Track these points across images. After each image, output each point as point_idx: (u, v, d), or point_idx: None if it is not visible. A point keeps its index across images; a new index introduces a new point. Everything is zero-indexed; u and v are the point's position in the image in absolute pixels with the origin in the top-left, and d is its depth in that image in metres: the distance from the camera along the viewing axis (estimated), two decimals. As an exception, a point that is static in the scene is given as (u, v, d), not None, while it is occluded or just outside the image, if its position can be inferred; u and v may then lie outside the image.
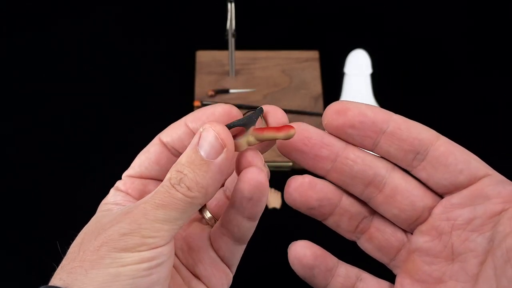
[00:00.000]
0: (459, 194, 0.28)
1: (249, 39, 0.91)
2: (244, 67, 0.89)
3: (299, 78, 0.88)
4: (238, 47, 0.86)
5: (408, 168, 0.30)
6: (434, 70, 0.93)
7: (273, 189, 0.79)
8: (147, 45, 0.94)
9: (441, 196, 0.29)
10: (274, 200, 0.78)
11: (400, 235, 0.31)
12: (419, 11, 1.00)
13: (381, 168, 0.31)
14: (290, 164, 0.80)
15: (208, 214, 0.35)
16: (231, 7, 0.76)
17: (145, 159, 0.36)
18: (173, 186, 0.29)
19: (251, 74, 0.89)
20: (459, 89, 0.90)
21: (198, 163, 0.29)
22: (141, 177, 0.35)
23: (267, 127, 0.32)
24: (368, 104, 0.30)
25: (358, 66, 0.82)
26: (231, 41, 0.82)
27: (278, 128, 0.32)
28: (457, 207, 0.28)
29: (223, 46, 0.86)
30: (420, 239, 0.30)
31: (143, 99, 0.88)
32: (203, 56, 0.90)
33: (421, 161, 0.29)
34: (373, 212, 0.32)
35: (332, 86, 0.87)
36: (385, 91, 0.87)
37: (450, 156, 0.29)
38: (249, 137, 0.31)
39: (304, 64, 0.90)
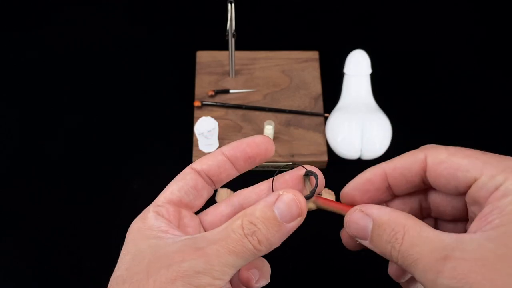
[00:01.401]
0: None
1: (249, 40, 0.91)
2: (244, 67, 0.90)
3: (299, 78, 0.89)
4: (238, 47, 0.86)
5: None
6: (434, 71, 0.93)
7: (273, 189, 0.79)
8: (147, 45, 0.95)
9: None
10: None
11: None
12: (419, 11, 1.01)
13: None
14: (290, 164, 0.80)
15: None
16: (231, 8, 0.76)
17: (183, 185, 0.38)
18: (246, 236, 0.32)
19: (251, 74, 0.89)
20: (459, 89, 0.91)
21: (272, 222, 0.32)
22: (180, 201, 0.38)
23: (332, 201, 0.36)
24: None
25: (358, 66, 0.83)
26: (231, 42, 0.82)
27: (339, 205, 0.35)
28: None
29: (223, 46, 0.86)
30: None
31: (143, 99, 0.88)
32: (203, 56, 0.91)
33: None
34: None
35: (332, 86, 0.88)
36: (385, 92, 0.87)
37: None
38: (311, 204, 0.36)
39: (304, 64, 0.90)
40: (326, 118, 0.84)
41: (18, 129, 0.85)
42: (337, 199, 0.38)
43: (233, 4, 0.76)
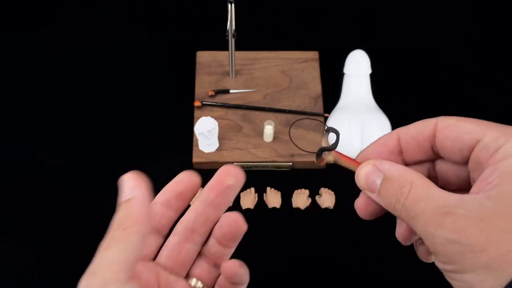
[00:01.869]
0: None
1: (249, 40, 0.91)
2: (244, 68, 0.90)
3: (299, 79, 0.89)
4: (238, 47, 0.86)
5: None
6: (433, 71, 0.93)
7: (273, 189, 0.79)
8: (147, 45, 0.95)
9: None
10: (274, 199, 0.78)
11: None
12: (419, 11, 1.01)
13: None
14: (290, 164, 0.81)
15: None
16: (231, 8, 0.76)
17: (130, 258, 0.35)
18: None
19: (251, 74, 0.89)
20: (458, 90, 0.91)
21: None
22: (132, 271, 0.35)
23: (348, 157, 0.39)
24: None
25: (358, 66, 0.83)
26: (231, 42, 0.82)
27: (354, 163, 0.38)
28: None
29: (223, 46, 0.86)
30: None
31: (143, 99, 0.88)
32: (203, 57, 0.91)
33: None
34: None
35: (331, 87, 0.88)
36: (385, 92, 0.87)
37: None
38: (331, 157, 0.39)
39: (304, 64, 0.90)
40: (326, 118, 0.84)
41: (18, 129, 0.85)
42: (337, 198, 0.39)
43: (233, 4, 0.76)
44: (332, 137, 0.39)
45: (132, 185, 0.37)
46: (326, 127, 0.40)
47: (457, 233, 0.31)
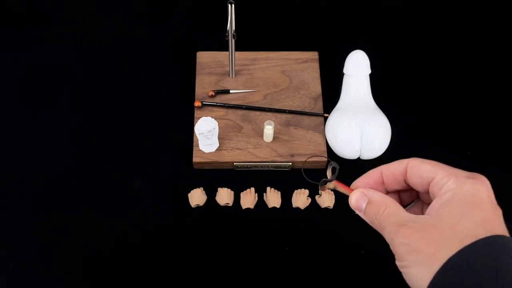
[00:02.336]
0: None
1: (249, 40, 0.91)
2: (244, 68, 0.90)
3: (298, 79, 0.89)
4: (238, 48, 0.87)
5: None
6: (433, 71, 0.93)
7: (273, 189, 0.79)
8: (147, 45, 0.95)
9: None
10: (273, 199, 0.78)
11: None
12: (419, 11, 1.01)
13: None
14: (290, 164, 0.81)
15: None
16: (231, 8, 0.76)
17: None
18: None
19: (251, 74, 0.89)
20: (458, 90, 0.91)
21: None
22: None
23: (344, 185, 0.51)
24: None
25: (357, 66, 0.83)
26: (231, 42, 0.82)
27: (349, 189, 0.50)
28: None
29: (224, 47, 0.86)
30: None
31: (143, 99, 0.88)
32: (204, 57, 0.91)
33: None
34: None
35: (331, 87, 0.88)
36: (384, 92, 0.87)
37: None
38: (331, 185, 0.51)
39: (304, 64, 0.90)
40: (325, 118, 0.84)
41: (18, 129, 0.85)
42: (337, 198, 0.47)
43: (233, 5, 0.76)
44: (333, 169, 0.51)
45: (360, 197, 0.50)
46: (330, 162, 0.52)
47: (406, 238, 0.44)
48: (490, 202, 0.47)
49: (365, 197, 0.49)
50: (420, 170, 0.49)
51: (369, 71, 0.84)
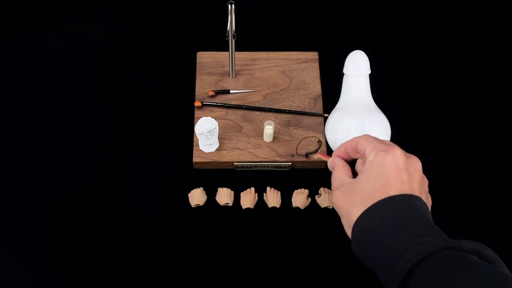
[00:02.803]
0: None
1: (249, 40, 0.91)
2: (244, 68, 0.90)
3: (298, 79, 0.89)
4: (238, 48, 0.87)
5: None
6: (433, 71, 0.93)
7: (272, 189, 0.79)
8: (148, 46, 0.95)
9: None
10: (274, 199, 0.78)
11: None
12: (418, 11, 1.01)
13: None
14: (290, 164, 0.81)
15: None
16: (231, 8, 0.76)
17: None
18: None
19: (251, 74, 0.89)
20: (458, 90, 0.91)
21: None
22: None
23: (325, 155, 0.74)
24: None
25: (357, 67, 0.83)
26: (231, 42, 0.82)
27: (327, 157, 0.72)
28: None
29: (224, 47, 0.86)
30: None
31: (144, 99, 0.88)
32: (204, 57, 0.91)
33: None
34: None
35: (331, 87, 0.88)
36: (384, 92, 0.87)
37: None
38: (316, 156, 0.78)
39: (304, 65, 0.90)
40: (325, 118, 0.84)
41: (19, 129, 0.85)
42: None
43: (233, 5, 0.76)
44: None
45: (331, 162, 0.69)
46: (318, 140, 0.80)
47: (335, 199, 0.63)
48: (395, 169, 0.60)
49: (331, 164, 0.69)
50: (360, 145, 0.64)
51: (369, 71, 0.84)
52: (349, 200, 0.61)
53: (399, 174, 0.60)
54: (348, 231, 0.61)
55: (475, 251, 0.54)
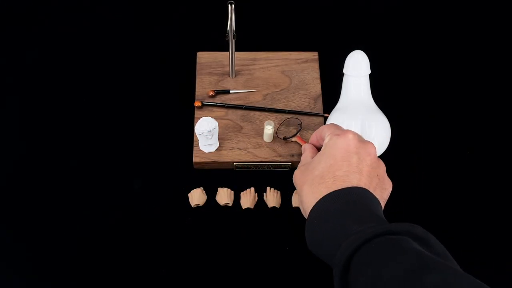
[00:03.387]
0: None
1: (249, 40, 0.91)
2: (244, 68, 0.90)
3: (298, 79, 0.89)
4: (238, 48, 0.87)
5: None
6: (433, 71, 0.93)
7: (272, 189, 0.79)
8: (148, 46, 0.95)
9: None
10: (273, 199, 0.78)
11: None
12: (418, 12, 1.01)
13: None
14: (290, 164, 0.81)
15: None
16: (231, 8, 0.76)
17: None
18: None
19: (251, 74, 0.89)
20: (458, 90, 0.91)
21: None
22: None
23: (302, 140, 0.81)
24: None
25: (357, 67, 0.83)
26: (231, 42, 0.82)
27: (303, 142, 0.79)
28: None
29: (224, 47, 0.86)
30: None
31: (144, 99, 0.88)
32: (204, 57, 0.91)
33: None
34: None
35: (331, 87, 0.88)
36: (384, 92, 0.87)
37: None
38: (295, 139, 0.81)
39: (304, 65, 0.90)
40: (325, 118, 0.84)
41: (19, 129, 0.85)
42: None
43: (233, 5, 0.76)
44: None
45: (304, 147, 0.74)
46: (299, 122, 0.83)
47: (294, 177, 0.68)
48: (344, 151, 0.64)
49: (303, 148, 0.74)
50: (322, 131, 0.70)
51: (369, 71, 0.84)
52: (302, 178, 0.65)
53: (348, 156, 0.63)
54: (302, 211, 0.66)
55: (405, 231, 0.55)
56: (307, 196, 0.63)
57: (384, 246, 0.54)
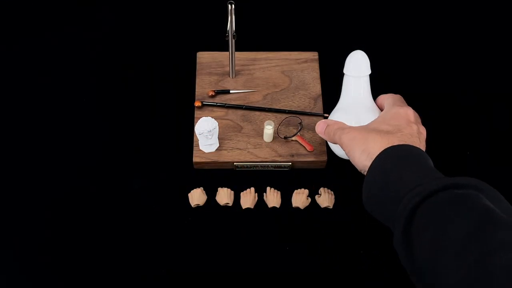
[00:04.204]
0: None
1: (249, 40, 0.91)
2: (244, 68, 0.90)
3: (298, 79, 0.89)
4: (238, 48, 0.87)
5: None
6: (433, 71, 0.93)
7: (272, 189, 0.79)
8: (148, 46, 0.95)
9: None
10: (273, 199, 0.78)
11: None
12: (418, 12, 1.01)
13: None
14: (290, 164, 0.81)
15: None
16: (231, 9, 0.76)
17: None
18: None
19: (251, 74, 0.89)
20: (458, 90, 0.91)
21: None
22: None
23: (304, 140, 0.82)
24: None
25: (357, 67, 0.83)
26: (231, 42, 0.82)
27: (306, 144, 0.80)
28: None
29: (224, 47, 0.86)
30: None
31: (144, 99, 0.88)
32: (204, 57, 0.91)
33: None
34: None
35: (331, 87, 0.88)
36: (384, 92, 0.87)
37: None
38: (294, 138, 0.80)
39: (304, 65, 0.90)
40: (325, 119, 0.84)
41: (19, 129, 0.85)
42: (336, 198, 0.55)
43: (233, 5, 0.76)
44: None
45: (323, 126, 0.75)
46: (300, 121, 0.83)
47: (350, 133, 0.68)
48: (406, 119, 0.69)
49: (324, 124, 0.73)
50: (383, 99, 0.77)
51: (369, 72, 0.84)
52: (363, 132, 0.67)
53: (410, 124, 0.68)
54: (359, 165, 0.66)
55: (471, 185, 0.55)
56: (375, 141, 0.64)
57: (450, 201, 0.53)
